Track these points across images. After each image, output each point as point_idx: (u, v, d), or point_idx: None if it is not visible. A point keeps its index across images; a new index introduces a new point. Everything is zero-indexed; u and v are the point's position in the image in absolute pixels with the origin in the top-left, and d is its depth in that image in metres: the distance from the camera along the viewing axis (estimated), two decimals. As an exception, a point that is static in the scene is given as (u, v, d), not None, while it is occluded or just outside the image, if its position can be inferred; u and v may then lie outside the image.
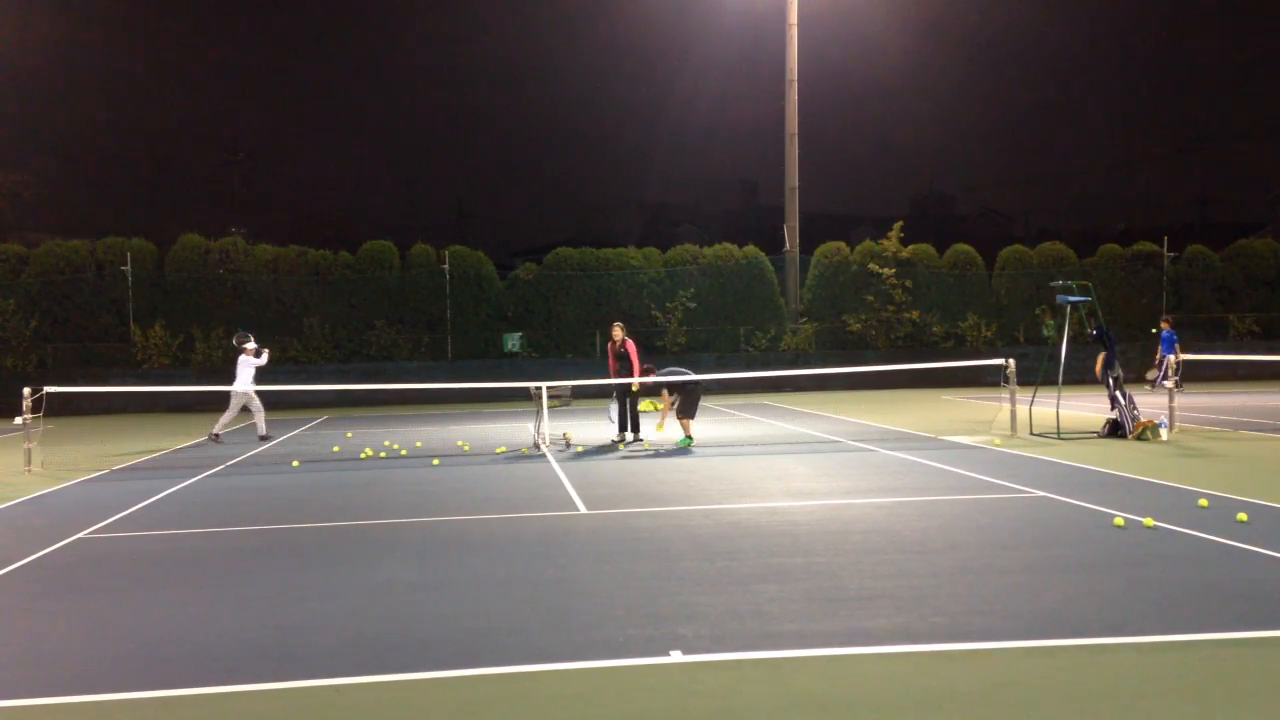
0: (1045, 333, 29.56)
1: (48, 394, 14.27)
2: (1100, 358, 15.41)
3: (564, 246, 30.81)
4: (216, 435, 16.93)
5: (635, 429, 15.45)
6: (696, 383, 14.90)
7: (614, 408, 15.74)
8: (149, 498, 10.93)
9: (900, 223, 30.84)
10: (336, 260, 28.64)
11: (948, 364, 22.16)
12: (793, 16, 29.67)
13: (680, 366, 15.87)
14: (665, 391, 15.01)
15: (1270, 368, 26.60)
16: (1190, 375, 25.66)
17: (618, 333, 15.49)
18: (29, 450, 13.69)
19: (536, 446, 14.89)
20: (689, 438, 14.76)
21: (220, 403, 25.94)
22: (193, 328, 27.26)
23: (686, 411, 14.84)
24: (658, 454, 13.79)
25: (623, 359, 15.24)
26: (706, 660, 5.11)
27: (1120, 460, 12.20)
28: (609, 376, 15.52)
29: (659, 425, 15.53)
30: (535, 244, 52.58)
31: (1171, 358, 23.04)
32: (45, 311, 26.87)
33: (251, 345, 17.05)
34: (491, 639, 5.54)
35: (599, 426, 17.72)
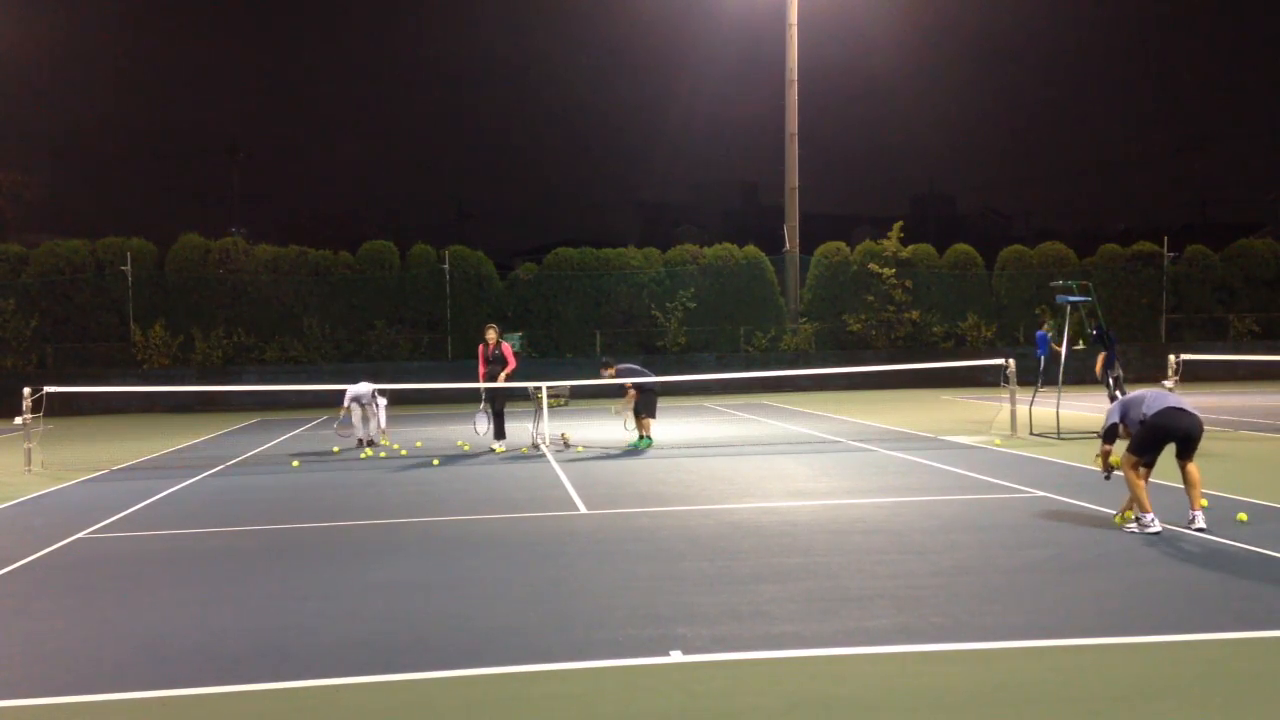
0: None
1: (48, 394, 14.25)
2: (1100, 358, 15.43)
3: (564, 246, 30.81)
4: (371, 441, 16.03)
5: (500, 434, 15.03)
6: (653, 383, 14.58)
7: (481, 416, 15.14)
8: (149, 498, 10.93)
9: (900, 223, 30.82)
10: (336, 260, 28.64)
11: (948, 364, 22.12)
12: (793, 16, 29.66)
13: (639, 366, 15.38)
14: (630, 391, 14.53)
15: (1270, 368, 26.55)
16: (1190, 375, 25.56)
17: (491, 335, 14.87)
18: (29, 450, 13.68)
19: (535, 446, 14.89)
20: (647, 438, 14.47)
21: (219, 403, 26.17)
22: (193, 328, 27.26)
23: (647, 410, 14.47)
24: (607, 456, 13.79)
25: (499, 363, 14.72)
26: (706, 660, 5.10)
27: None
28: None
29: (623, 419, 15.08)
30: (535, 244, 52.51)
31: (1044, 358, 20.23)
32: (45, 311, 26.86)
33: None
34: (492, 639, 5.53)
35: (599, 427, 17.71)
